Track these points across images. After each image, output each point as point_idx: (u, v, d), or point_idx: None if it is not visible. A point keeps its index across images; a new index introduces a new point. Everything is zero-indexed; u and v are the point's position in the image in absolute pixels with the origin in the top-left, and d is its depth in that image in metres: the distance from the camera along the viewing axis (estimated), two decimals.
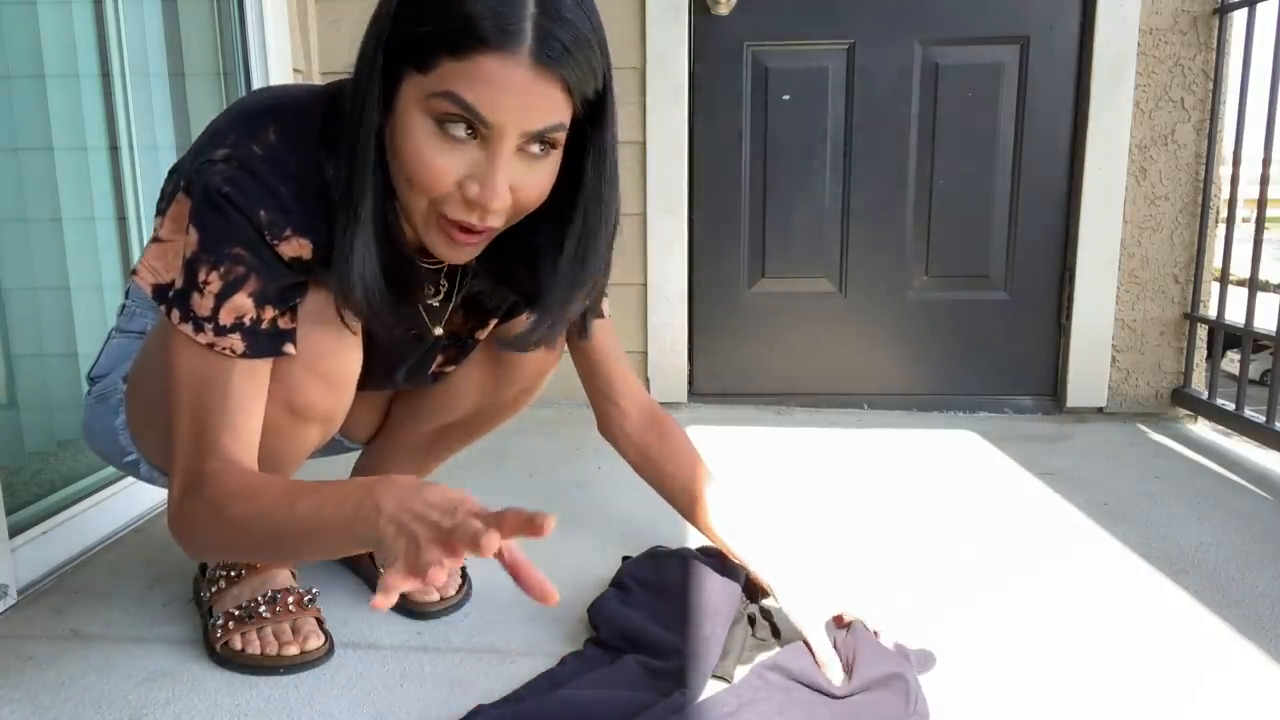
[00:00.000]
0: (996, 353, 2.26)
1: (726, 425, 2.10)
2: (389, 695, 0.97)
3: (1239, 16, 1.99)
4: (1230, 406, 1.95)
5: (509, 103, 0.73)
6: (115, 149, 1.62)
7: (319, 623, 1.07)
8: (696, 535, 1.22)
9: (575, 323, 1.04)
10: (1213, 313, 2.10)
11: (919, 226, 2.22)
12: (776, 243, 2.25)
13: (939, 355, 2.27)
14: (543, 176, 0.80)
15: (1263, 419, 1.82)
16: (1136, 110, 2.09)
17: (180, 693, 0.98)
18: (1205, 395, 2.10)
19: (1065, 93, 2.13)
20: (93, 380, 1.03)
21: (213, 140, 0.82)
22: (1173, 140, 2.10)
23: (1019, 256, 2.21)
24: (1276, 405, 1.77)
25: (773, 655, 0.99)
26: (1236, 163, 1.99)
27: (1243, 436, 1.94)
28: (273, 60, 1.96)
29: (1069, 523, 1.48)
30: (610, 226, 0.89)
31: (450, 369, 1.12)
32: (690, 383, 2.30)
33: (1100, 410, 2.21)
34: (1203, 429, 2.10)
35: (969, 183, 2.19)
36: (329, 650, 1.05)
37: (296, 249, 0.82)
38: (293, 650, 1.02)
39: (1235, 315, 2.03)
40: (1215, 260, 2.14)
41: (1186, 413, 2.16)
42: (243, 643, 1.03)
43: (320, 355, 0.88)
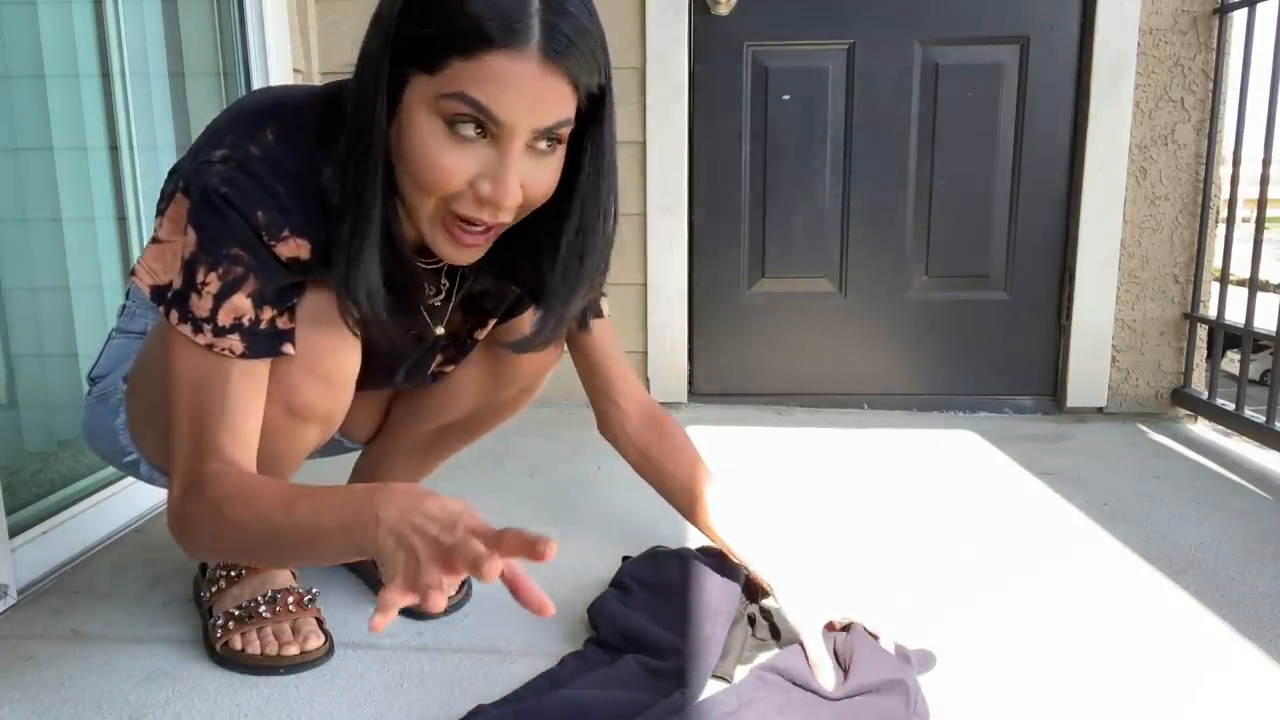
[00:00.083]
0: (996, 353, 2.26)
1: (726, 425, 2.10)
2: (389, 695, 0.97)
3: (1239, 16, 1.99)
4: (1230, 406, 1.95)
5: (519, 100, 0.74)
6: (115, 149, 1.62)
7: (319, 623, 1.07)
8: (696, 535, 1.22)
9: (574, 317, 1.04)
10: (1213, 313, 2.10)
11: (919, 226, 2.22)
12: (776, 243, 2.25)
13: (939, 355, 2.27)
14: (549, 172, 0.81)
15: (1263, 419, 1.82)
16: (1136, 110, 2.09)
17: (180, 693, 0.98)
18: (1205, 395, 2.10)
19: (1065, 93, 2.13)
20: (93, 380, 1.03)
21: (211, 141, 0.82)
22: (1173, 140, 2.10)
23: (1019, 256, 2.21)
24: (1276, 405, 1.77)
25: (772, 656, 0.99)
26: (1236, 163, 1.99)
27: (1243, 436, 1.94)
28: (273, 60, 1.96)
29: (1069, 523, 1.48)
30: (609, 223, 0.89)
31: (449, 369, 1.12)
32: (690, 383, 2.30)
33: (1100, 410, 2.21)
34: (1203, 429, 2.10)
35: (969, 183, 2.19)
36: (329, 650, 1.05)
37: (294, 249, 0.82)
38: (293, 650, 1.02)
39: (1235, 315, 2.03)
40: (1215, 260, 2.14)
41: (1186, 413, 2.16)
42: (243, 643, 1.03)
43: (319, 355, 0.88)
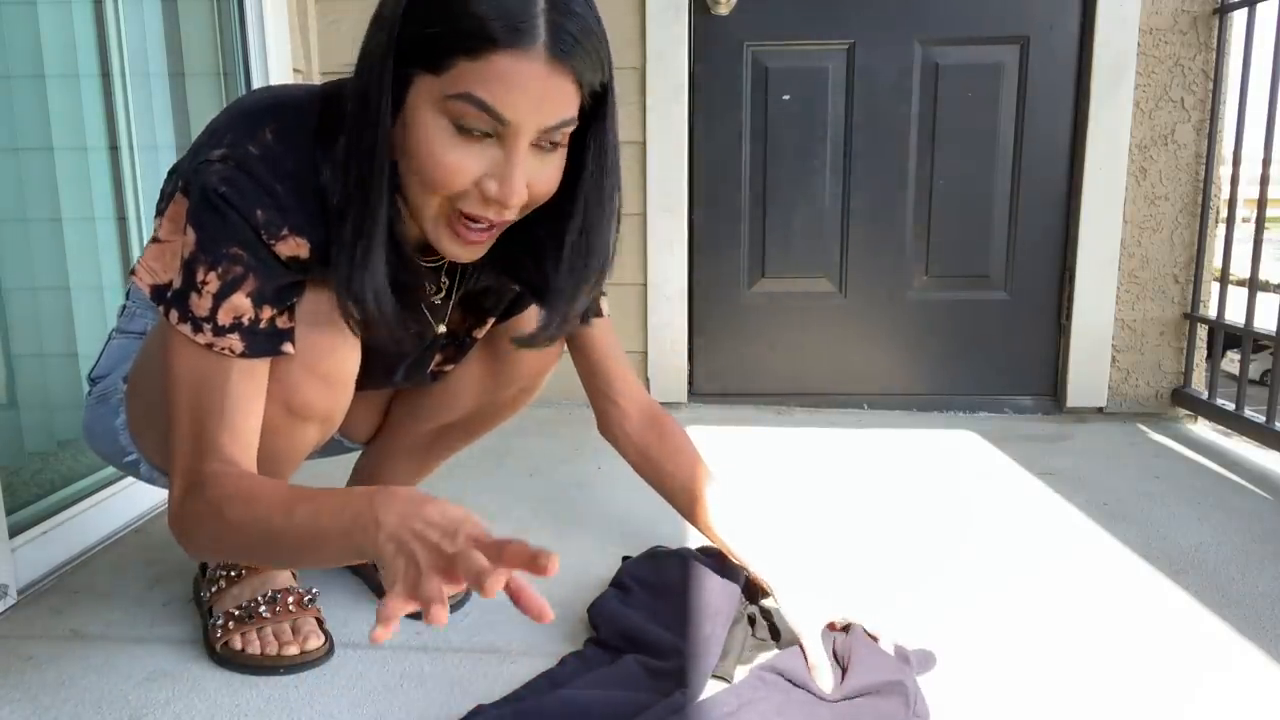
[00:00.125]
0: (996, 353, 2.25)
1: (726, 425, 2.10)
2: (389, 695, 0.97)
3: (1239, 16, 1.99)
4: (1230, 406, 1.95)
5: (525, 100, 0.74)
6: (115, 149, 1.62)
7: (319, 623, 1.07)
8: (696, 535, 1.21)
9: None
10: (1213, 313, 2.10)
11: (919, 226, 2.22)
12: (776, 243, 2.25)
13: (939, 355, 2.27)
14: (553, 170, 0.81)
15: (1263, 419, 1.82)
16: (1136, 110, 2.09)
17: (180, 693, 0.98)
18: (1205, 395, 2.10)
19: (1065, 93, 2.13)
20: (93, 381, 1.03)
21: (210, 140, 0.82)
22: (1173, 140, 2.10)
23: (1019, 256, 2.21)
24: (1276, 405, 1.77)
25: (771, 657, 0.99)
26: (1236, 163, 1.99)
27: (1243, 436, 1.94)
28: (273, 60, 1.96)
29: (1069, 523, 1.48)
30: (614, 219, 0.89)
31: (449, 368, 1.12)
32: (690, 383, 2.30)
33: (1100, 410, 2.21)
34: (1203, 429, 2.09)
35: (969, 183, 2.19)
36: (329, 650, 1.05)
37: (294, 248, 0.82)
38: (293, 650, 1.02)
39: (1235, 315, 2.03)
40: (1215, 260, 2.14)
41: (1186, 413, 2.16)
42: (243, 643, 1.03)
43: (318, 354, 0.88)
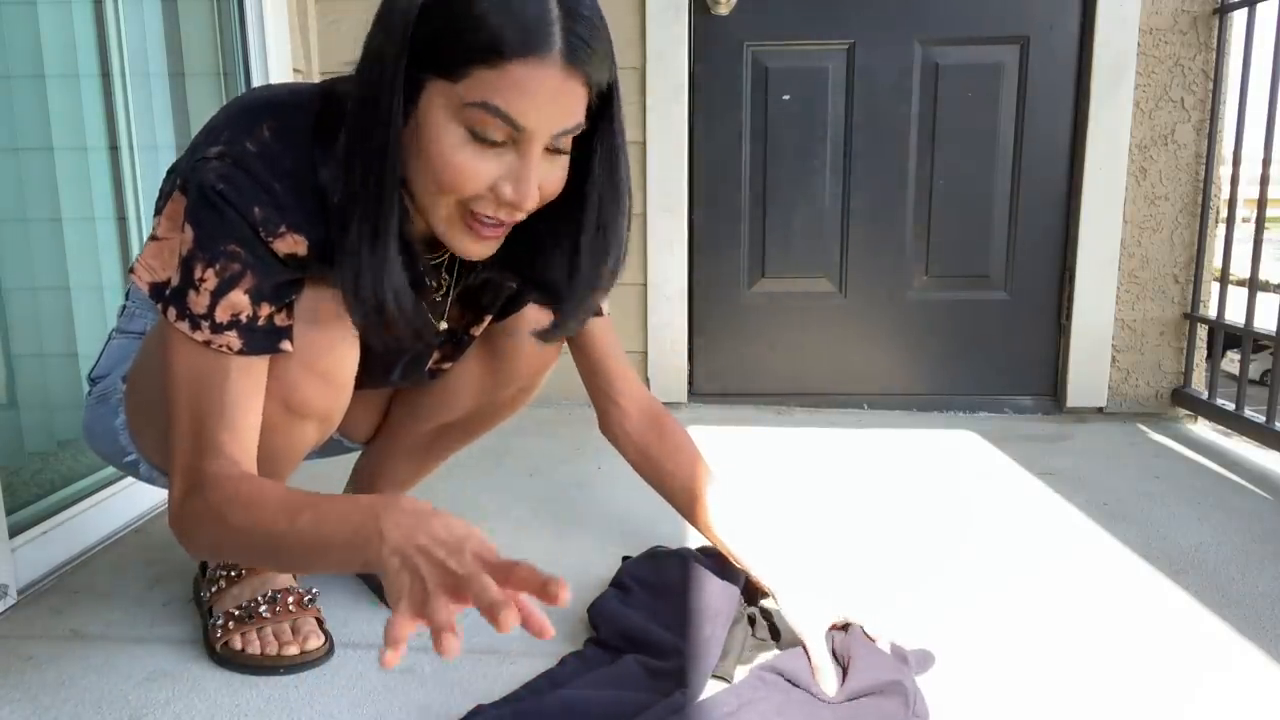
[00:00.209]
0: (996, 353, 2.25)
1: (726, 425, 2.10)
2: (389, 695, 0.97)
3: (1239, 16, 1.99)
4: (1230, 406, 1.95)
5: (542, 108, 0.75)
6: (115, 149, 1.62)
7: (319, 623, 1.07)
8: (696, 535, 1.21)
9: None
10: (1213, 313, 2.10)
11: (919, 226, 2.22)
12: (776, 242, 2.25)
13: (939, 355, 2.27)
14: (561, 170, 0.82)
15: (1263, 419, 1.82)
16: (1136, 110, 2.09)
17: (180, 693, 0.98)
18: (1205, 395, 2.10)
19: (1065, 93, 2.13)
20: (93, 381, 1.03)
21: (208, 138, 0.82)
22: (1173, 140, 2.09)
23: (1019, 256, 2.21)
24: (1276, 405, 1.77)
25: (772, 657, 0.99)
26: (1236, 163, 1.99)
27: (1243, 436, 1.93)
28: (273, 60, 1.96)
29: (1069, 523, 1.48)
30: (626, 214, 0.89)
31: (447, 366, 1.12)
32: (690, 383, 2.30)
33: (1100, 410, 2.21)
34: (1203, 429, 2.09)
35: (969, 183, 2.19)
36: (329, 650, 1.05)
37: (292, 245, 0.82)
38: (293, 650, 1.02)
39: (1235, 315, 2.03)
40: (1215, 260, 2.14)
41: (1186, 413, 2.16)
42: (243, 643, 1.03)
43: (317, 352, 0.88)
